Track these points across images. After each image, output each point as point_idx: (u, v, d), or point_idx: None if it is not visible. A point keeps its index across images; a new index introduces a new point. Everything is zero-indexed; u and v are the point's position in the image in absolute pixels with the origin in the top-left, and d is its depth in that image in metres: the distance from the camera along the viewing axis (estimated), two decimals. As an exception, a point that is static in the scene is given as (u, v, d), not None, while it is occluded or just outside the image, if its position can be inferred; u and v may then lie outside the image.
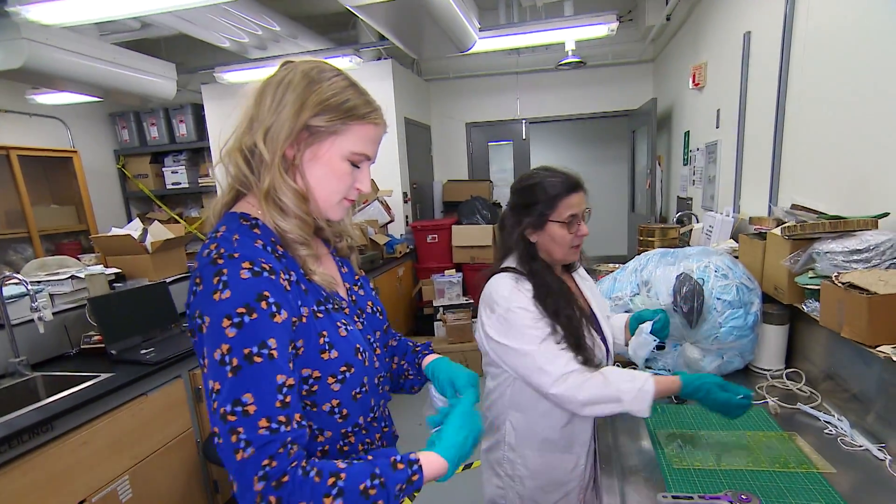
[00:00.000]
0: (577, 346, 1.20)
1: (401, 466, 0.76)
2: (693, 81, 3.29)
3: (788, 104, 2.00)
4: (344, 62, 4.00)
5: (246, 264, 0.72)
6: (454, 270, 4.54)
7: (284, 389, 0.71)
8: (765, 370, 1.61)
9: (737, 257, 1.82)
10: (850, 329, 1.20)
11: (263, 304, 0.71)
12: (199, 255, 0.76)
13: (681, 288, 1.54)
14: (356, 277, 1.01)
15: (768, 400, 1.42)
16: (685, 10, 3.65)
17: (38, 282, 2.28)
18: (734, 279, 1.54)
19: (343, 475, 0.70)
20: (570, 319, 1.22)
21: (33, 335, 2.03)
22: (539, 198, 1.24)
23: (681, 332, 1.56)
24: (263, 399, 0.68)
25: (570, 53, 4.15)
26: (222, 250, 0.73)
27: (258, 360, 0.69)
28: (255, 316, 0.70)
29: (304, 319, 0.78)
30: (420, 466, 0.77)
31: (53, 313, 2.19)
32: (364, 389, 0.86)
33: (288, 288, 0.76)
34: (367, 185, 0.87)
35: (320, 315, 0.82)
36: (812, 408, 1.35)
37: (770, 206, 2.04)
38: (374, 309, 0.99)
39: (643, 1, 4.27)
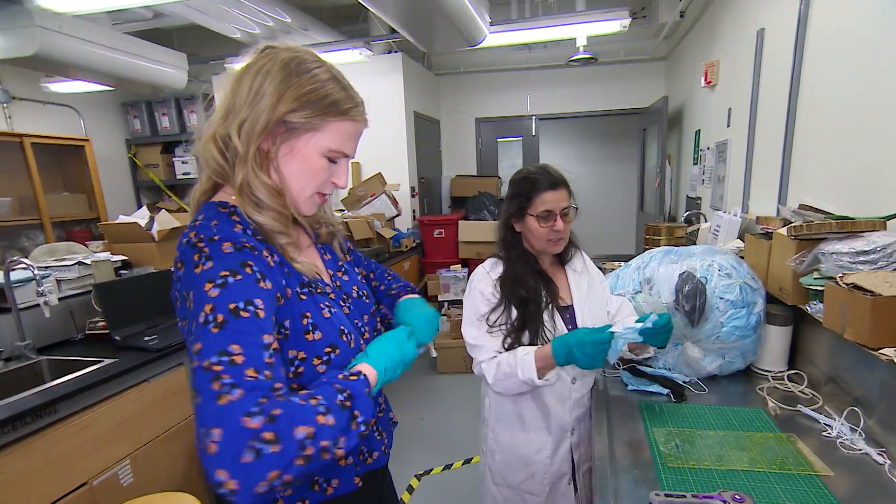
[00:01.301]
0: (520, 331, 1.33)
1: (353, 378, 0.75)
2: (705, 79, 3.25)
3: (800, 103, 1.97)
4: (354, 55, 4.00)
5: (227, 243, 0.72)
6: (460, 266, 4.54)
7: (270, 350, 0.67)
8: (767, 371, 1.59)
9: (742, 257, 1.79)
10: (853, 331, 1.18)
11: (248, 270, 0.70)
12: (179, 243, 0.75)
13: (683, 286, 1.52)
14: (340, 263, 1.00)
15: (769, 401, 1.40)
16: (700, 7, 3.60)
17: (46, 267, 2.31)
18: (738, 279, 1.52)
19: (319, 396, 0.68)
20: (525, 305, 1.33)
21: (40, 319, 2.06)
22: (521, 191, 1.36)
23: (682, 331, 1.54)
24: (251, 352, 0.64)
25: (581, 49, 4.12)
26: (202, 235, 0.73)
27: (245, 314, 0.66)
28: (239, 277, 0.69)
29: (288, 297, 0.78)
30: (365, 376, 0.77)
31: (60, 298, 2.22)
32: None
33: (271, 264, 0.76)
34: (343, 180, 0.86)
35: (304, 297, 0.82)
36: (813, 410, 1.33)
37: (778, 206, 2.01)
38: (361, 293, 0.98)
39: (657, -3, 4.22)
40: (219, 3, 3.32)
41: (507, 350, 1.34)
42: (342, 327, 0.85)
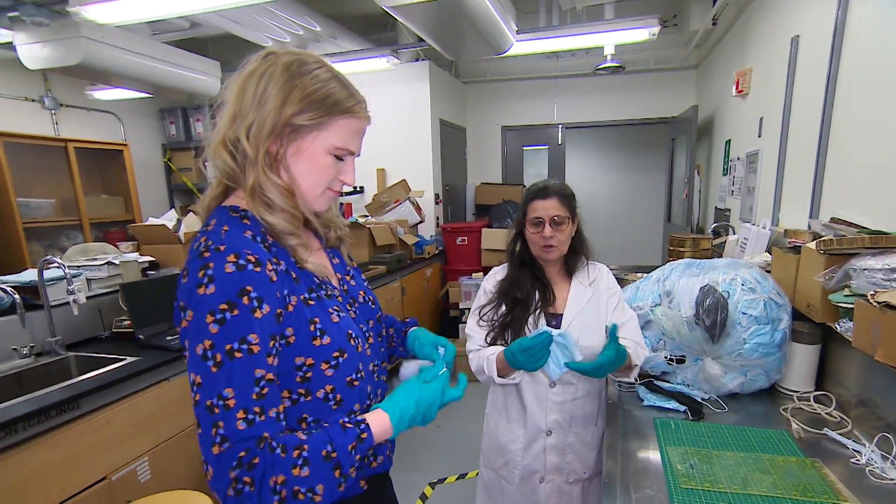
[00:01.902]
0: (504, 329, 1.44)
1: (349, 426, 0.77)
2: (736, 88, 3.16)
3: (835, 112, 1.89)
4: (382, 63, 4.05)
5: (231, 257, 0.73)
6: (482, 274, 4.52)
7: (262, 382, 0.73)
8: (792, 391, 1.52)
9: (769, 271, 1.72)
10: (884, 352, 1.11)
11: (245, 300, 0.72)
12: (190, 247, 0.77)
13: (704, 300, 1.47)
14: (347, 267, 1.01)
15: (793, 423, 1.33)
16: (732, 14, 3.51)
17: (78, 266, 2.40)
18: (762, 294, 1.46)
19: (305, 446, 0.72)
20: (514, 306, 1.45)
21: (69, 317, 2.13)
22: (523, 200, 1.50)
23: (702, 346, 1.49)
24: (242, 393, 0.71)
25: (608, 58, 4.07)
26: (210, 242, 0.74)
27: (238, 355, 0.71)
28: (236, 312, 0.71)
29: (290, 308, 0.79)
30: (367, 425, 0.79)
31: (89, 297, 2.30)
32: (360, 376, 0.87)
33: (274, 278, 0.77)
34: (351, 177, 0.88)
35: (311, 302, 0.82)
36: (841, 434, 1.26)
37: (808, 220, 1.93)
38: (367, 298, 0.99)
39: (688, 5, 4.14)
40: (252, 13, 3.42)
41: (489, 345, 1.46)
42: (350, 331, 0.86)
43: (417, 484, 2.66)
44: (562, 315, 1.46)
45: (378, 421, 0.80)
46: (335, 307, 0.86)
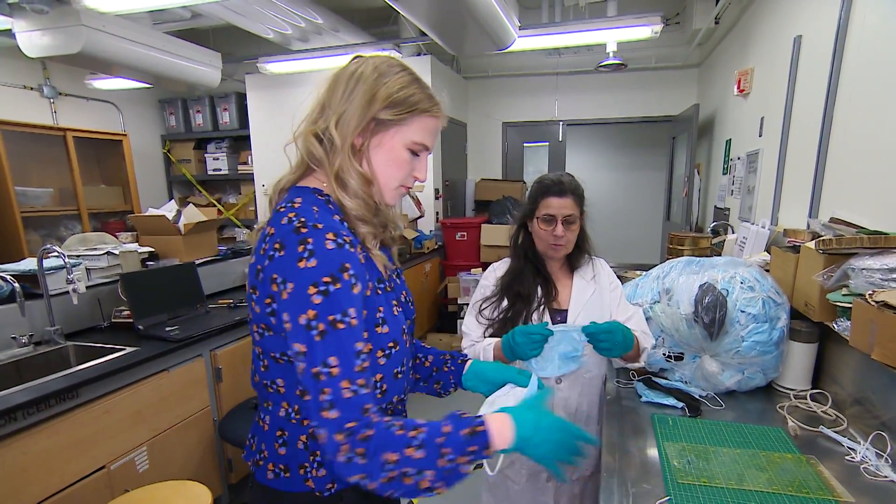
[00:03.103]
0: (506, 324, 1.40)
1: (465, 415, 0.79)
2: (738, 87, 3.16)
3: (836, 112, 1.90)
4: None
5: (330, 235, 0.76)
6: (481, 269, 4.52)
7: (362, 356, 0.77)
8: (788, 389, 1.53)
9: (768, 270, 1.73)
10: (881, 351, 1.12)
11: (346, 276, 0.76)
12: (277, 222, 0.80)
13: (703, 298, 1.48)
14: (395, 267, 1.04)
15: (789, 420, 1.34)
16: (735, 14, 3.51)
17: (77, 256, 2.40)
18: (761, 292, 1.46)
19: (423, 429, 0.75)
20: (516, 300, 1.42)
21: (69, 306, 2.14)
22: (532, 194, 1.44)
23: (700, 343, 1.50)
24: (346, 363, 0.74)
25: (611, 55, 4.06)
26: (303, 219, 0.77)
27: (341, 326, 0.75)
28: (338, 286, 0.75)
29: (368, 293, 0.84)
30: (482, 420, 0.78)
31: (88, 287, 2.30)
32: (403, 369, 0.92)
33: (363, 261, 0.82)
34: (423, 173, 0.94)
35: (379, 292, 0.88)
36: (836, 432, 1.27)
37: (808, 219, 1.94)
38: (408, 299, 1.03)
39: (691, 4, 4.13)
40: (254, 4, 3.40)
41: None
42: (404, 327, 0.93)
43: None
44: (566, 311, 1.45)
45: (499, 423, 0.79)
46: (394, 300, 0.92)
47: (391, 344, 0.87)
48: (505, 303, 1.45)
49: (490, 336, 1.43)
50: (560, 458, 0.82)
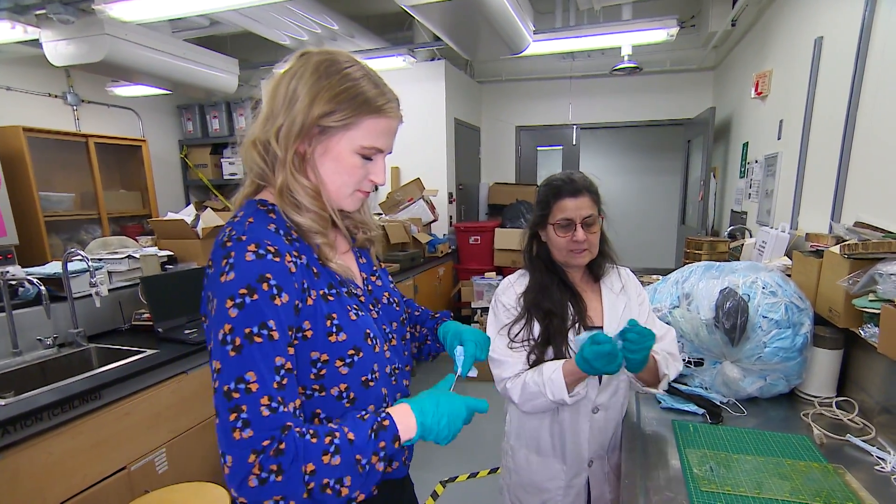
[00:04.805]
0: (544, 346, 1.25)
1: (367, 416, 0.76)
2: (755, 90, 3.13)
3: (860, 114, 1.86)
4: (398, 62, 4.07)
5: (251, 247, 0.73)
6: (494, 273, 4.51)
7: (282, 372, 0.72)
8: (813, 396, 1.50)
9: (789, 275, 1.71)
10: (910, 358, 1.10)
11: (264, 286, 0.72)
12: (217, 237, 0.78)
13: (724, 303, 1.46)
14: (374, 268, 1.01)
15: (814, 428, 1.32)
16: (752, 15, 3.47)
17: (100, 259, 2.44)
18: (783, 297, 1.44)
19: (337, 433, 0.72)
20: (549, 319, 1.25)
21: (91, 309, 2.18)
22: (542, 198, 1.28)
23: (721, 349, 1.48)
24: (264, 378, 0.70)
25: (625, 59, 4.04)
26: (233, 233, 0.75)
27: (258, 339, 0.70)
28: (255, 297, 0.71)
29: (309, 302, 0.79)
30: (389, 414, 0.76)
31: (110, 290, 2.34)
32: (374, 377, 0.85)
33: (293, 269, 0.76)
34: (381, 177, 0.87)
35: (330, 298, 0.82)
36: (864, 441, 1.25)
37: (831, 223, 1.91)
38: (391, 300, 0.98)
39: (707, 6, 4.10)
40: (271, 11, 3.45)
41: (531, 367, 1.25)
42: (368, 331, 0.85)
43: (429, 482, 2.67)
44: (600, 328, 1.28)
45: (401, 412, 0.78)
46: (355, 306, 0.85)
47: (351, 352, 0.81)
48: (535, 322, 1.27)
49: (532, 361, 1.26)
50: (455, 432, 0.82)
